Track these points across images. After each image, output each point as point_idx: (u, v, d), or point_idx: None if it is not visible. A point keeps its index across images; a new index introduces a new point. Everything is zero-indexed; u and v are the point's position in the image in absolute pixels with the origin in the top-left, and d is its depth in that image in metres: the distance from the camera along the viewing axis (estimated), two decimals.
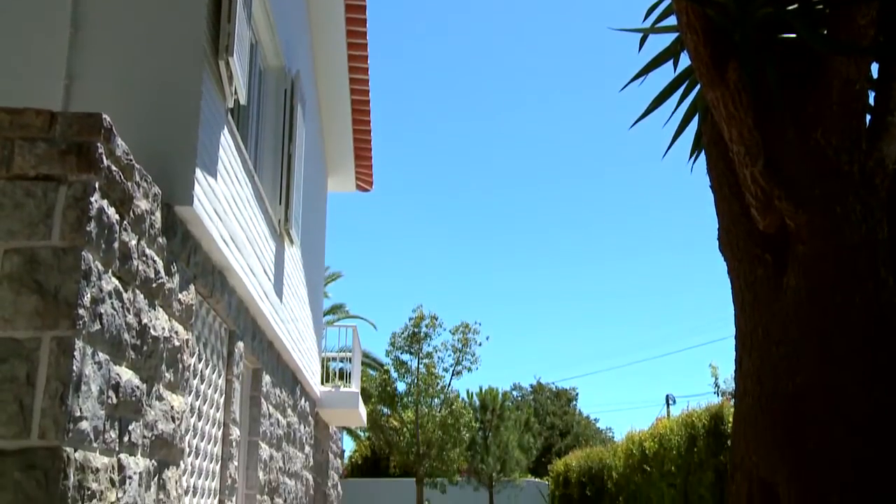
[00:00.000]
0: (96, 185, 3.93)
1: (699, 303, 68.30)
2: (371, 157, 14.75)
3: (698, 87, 3.89)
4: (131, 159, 4.42)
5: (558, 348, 67.82)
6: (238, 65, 6.20)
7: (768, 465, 3.14)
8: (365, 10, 11.60)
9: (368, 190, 15.70)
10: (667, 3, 4.00)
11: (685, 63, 3.91)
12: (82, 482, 3.81)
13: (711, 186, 3.66)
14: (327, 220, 14.70)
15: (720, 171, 3.56)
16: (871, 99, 3.48)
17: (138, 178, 4.57)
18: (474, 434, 27.72)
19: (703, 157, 3.79)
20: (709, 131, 3.64)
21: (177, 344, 5.36)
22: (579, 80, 68.13)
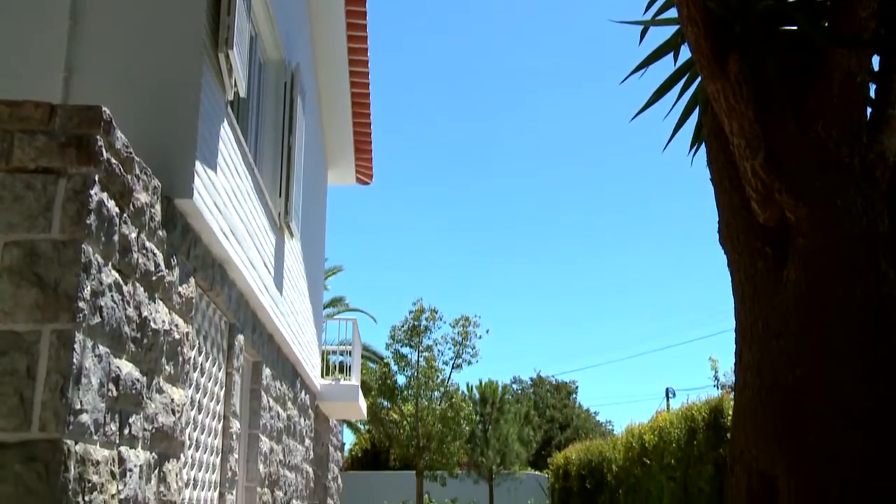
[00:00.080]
0: (96, 178, 3.93)
1: (699, 296, 68.42)
2: (371, 150, 14.73)
3: (699, 79, 3.88)
4: (131, 152, 4.42)
5: (558, 341, 67.95)
6: (238, 57, 6.19)
7: (768, 457, 3.15)
8: (365, 2, 11.58)
9: (368, 183, 15.69)
10: None
11: (686, 55, 3.90)
12: (83, 474, 3.81)
13: (712, 179, 3.65)
14: (327, 214, 14.70)
15: (721, 164, 3.56)
16: (871, 91, 3.47)
17: (138, 171, 4.56)
18: (474, 427, 27.74)
19: (703, 149, 3.79)
20: (709, 124, 3.64)
21: (177, 337, 5.36)
22: (580, 72, 68.11)
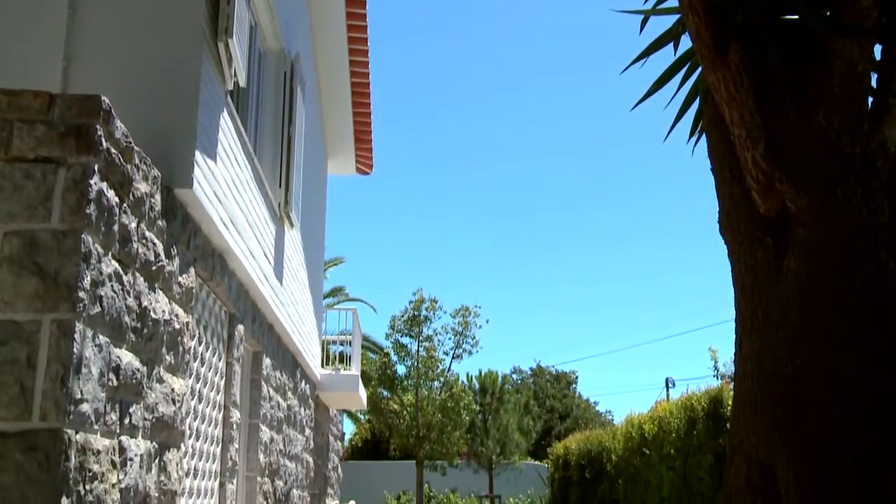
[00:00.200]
0: (95, 168, 3.92)
1: (699, 286, 68.41)
2: (371, 140, 14.71)
3: (700, 69, 3.87)
4: (130, 142, 4.41)
5: (558, 331, 67.94)
6: (237, 47, 6.17)
7: (767, 446, 3.15)
8: None
9: (368, 173, 15.67)
10: None
11: (686, 45, 3.89)
12: (83, 464, 3.82)
13: (712, 169, 3.65)
14: (327, 203, 14.69)
15: (721, 154, 3.55)
16: (873, 81, 3.46)
17: (138, 161, 4.56)
18: (474, 417, 27.78)
19: (703, 139, 3.78)
20: (710, 114, 3.63)
21: (177, 327, 5.36)
22: (580, 62, 67.93)
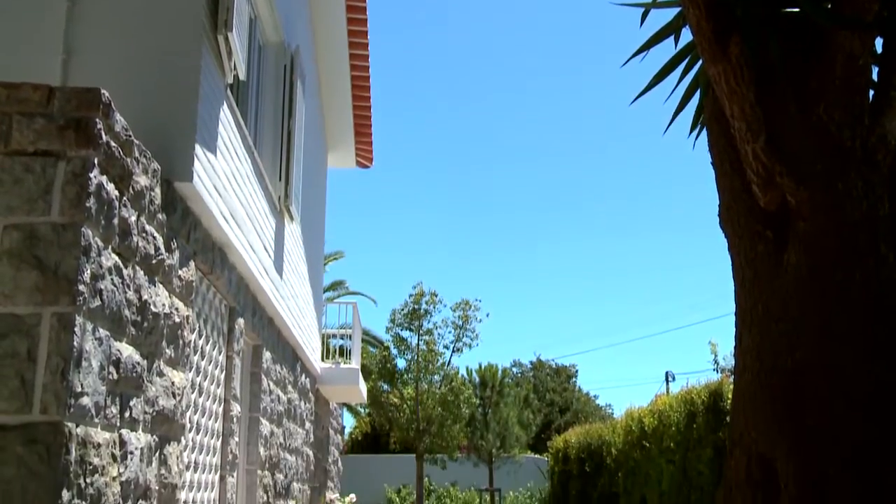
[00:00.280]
0: (95, 161, 3.92)
1: (699, 279, 68.39)
2: (371, 133, 14.69)
3: (700, 62, 3.86)
4: (130, 135, 4.41)
5: (558, 325, 67.98)
6: (237, 40, 6.16)
7: (767, 440, 3.15)
8: None
9: (368, 166, 15.66)
10: None
11: (687, 38, 3.88)
12: (84, 457, 3.83)
13: (712, 162, 3.64)
14: (327, 197, 14.68)
15: (721, 148, 3.54)
16: (874, 74, 3.45)
17: (137, 154, 4.55)
18: (474, 410, 27.80)
19: (704, 133, 3.77)
20: (710, 107, 3.62)
21: (177, 320, 5.36)
22: (580, 55, 67.83)
